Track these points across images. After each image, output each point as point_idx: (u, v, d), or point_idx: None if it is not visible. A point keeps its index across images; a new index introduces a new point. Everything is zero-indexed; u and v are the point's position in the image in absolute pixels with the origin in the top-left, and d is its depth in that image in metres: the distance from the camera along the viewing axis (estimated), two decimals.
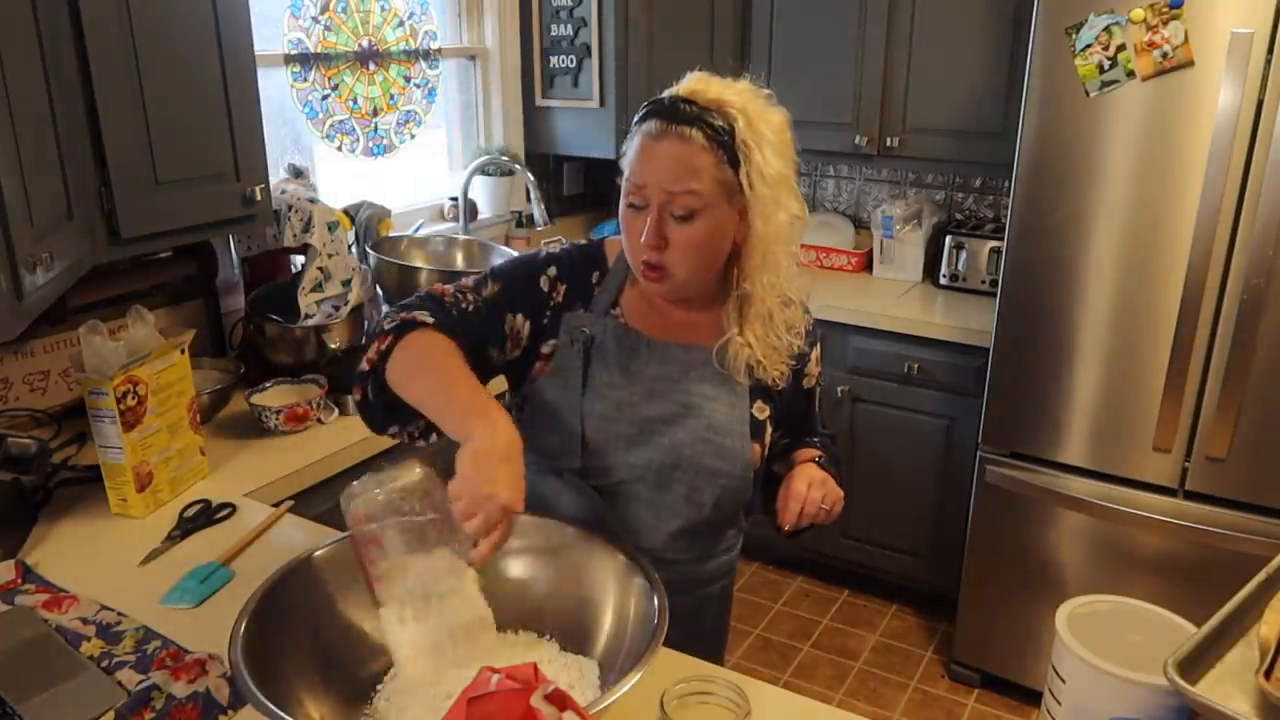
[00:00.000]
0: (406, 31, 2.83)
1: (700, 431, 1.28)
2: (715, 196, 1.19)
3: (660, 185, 1.18)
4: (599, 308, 1.31)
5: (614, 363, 1.28)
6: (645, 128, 1.20)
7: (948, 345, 2.70)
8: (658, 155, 1.18)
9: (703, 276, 1.26)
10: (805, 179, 3.48)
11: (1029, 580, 2.50)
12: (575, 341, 1.29)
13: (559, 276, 1.32)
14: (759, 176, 1.19)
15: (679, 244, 1.20)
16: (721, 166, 1.18)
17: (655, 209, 1.19)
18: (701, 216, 1.19)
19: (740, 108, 1.21)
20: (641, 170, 1.19)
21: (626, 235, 1.24)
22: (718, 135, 1.17)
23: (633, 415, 1.27)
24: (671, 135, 1.17)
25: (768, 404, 1.36)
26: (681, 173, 1.17)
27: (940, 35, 2.75)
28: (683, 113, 1.18)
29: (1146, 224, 2.16)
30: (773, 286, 1.27)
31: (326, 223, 2.21)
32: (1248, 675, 0.91)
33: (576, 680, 1.09)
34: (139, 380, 1.54)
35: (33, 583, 1.39)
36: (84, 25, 1.56)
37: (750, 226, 1.22)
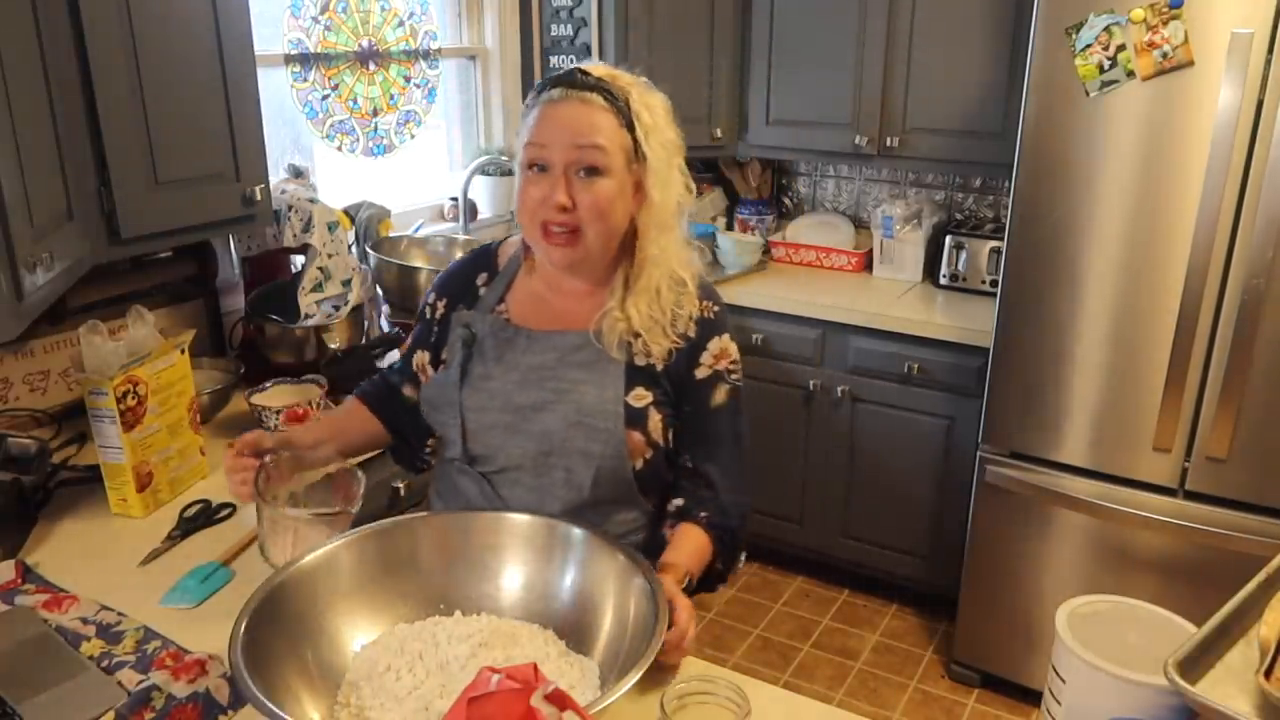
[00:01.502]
0: (406, 31, 2.83)
1: (570, 416, 1.31)
2: (618, 158, 1.24)
3: (566, 143, 1.22)
4: (484, 306, 1.40)
5: (491, 355, 1.35)
6: (546, 96, 1.25)
7: (948, 345, 2.70)
8: (561, 116, 1.23)
9: (603, 247, 1.29)
10: (805, 179, 3.49)
11: (1029, 580, 2.50)
12: (458, 338, 1.37)
13: (437, 295, 1.46)
14: (657, 143, 1.26)
15: (585, 203, 1.23)
16: (621, 130, 1.24)
17: (560, 168, 1.23)
18: (605, 176, 1.24)
19: (630, 82, 1.28)
20: (544, 131, 1.24)
21: (525, 203, 1.26)
22: (616, 101, 1.24)
23: (506, 404, 1.33)
24: (573, 98, 1.23)
25: (649, 390, 1.32)
26: (586, 128, 1.22)
27: (940, 35, 2.75)
28: (581, 80, 1.25)
29: (1146, 224, 2.16)
30: (662, 261, 1.31)
31: (326, 223, 2.21)
32: (1248, 675, 0.91)
33: (576, 680, 1.09)
34: (139, 380, 1.54)
35: (33, 583, 1.39)
36: (84, 25, 1.56)
37: (646, 196, 1.28)
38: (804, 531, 3.12)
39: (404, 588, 1.21)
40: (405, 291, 2.33)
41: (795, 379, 2.97)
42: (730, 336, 1.39)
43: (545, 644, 1.15)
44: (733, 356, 1.39)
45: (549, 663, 1.11)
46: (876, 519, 2.98)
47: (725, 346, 1.38)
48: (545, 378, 1.33)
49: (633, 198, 1.28)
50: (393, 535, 1.24)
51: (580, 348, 1.32)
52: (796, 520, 3.12)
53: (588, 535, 1.22)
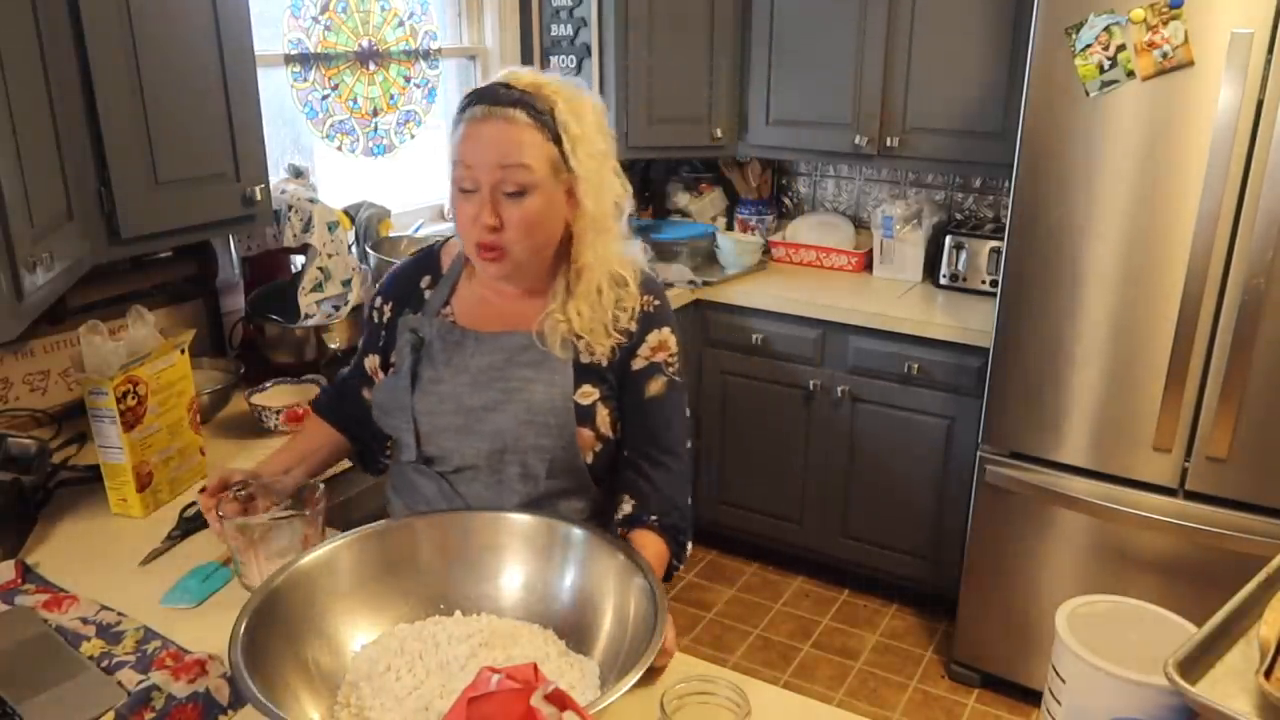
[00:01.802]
0: (406, 31, 2.83)
1: (521, 415, 1.33)
2: (544, 173, 1.24)
3: (490, 164, 1.22)
4: (431, 309, 1.40)
5: (440, 358, 1.36)
6: (469, 114, 1.24)
7: (948, 345, 2.70)
8: (484, 136, 1.22)
9: (538, 256, 1.31)
10: (805, 179, 3.49)
11: (1029, 580, 2.50)
12: (406, 343, 1.37)
13: (384, 299, 1.46)
14: (585, 154, 1.25)
15: (514, 222, 1.24)
16: (547, 144, 1.23)
17: (487, 189, 1.23)
18: (533, 193, 1.23)
19: (556, 90, 1.25)
20: (470, 152, 1.23)
21: (460, 221, 1.28)
22: (540, 115, 1.23)
23: (458, 406, 1.35)
24: (496, 117, 1.22)
25: (596, 387, 1.34)
26: (510, 149, 1.21)
27: (940, 35, 2.75)
28: (504, 95, 1.23)
29: (1146, 224, 2.16)
30: (600, 263, 1.32)
31: (326, 223, 2.21)
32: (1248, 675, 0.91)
33: (576, 680, 1.09)
34: (139, 380, 1.54)
35: (33, 583, 1.39)
36: (84, 25, 1.56)
37: (579, 205, 1.27)
38: (804, 531, 3.12)
39: (404, 588, 1.21)
40: None
41: (795, 379, 2.97)
42: (671, 330, 1.40)
43: (545, 644, 1.15)
44: (672, 349, 1.39)
45: (549, 663, 1.11)
46: (876, 519, 2.98)
47: (664, 339, 1.38)
48: (495, 378, 1.34)
49: (566, 205, 1.28)
50: (393, 535, 1.24)
51: (527, 348, 1.33)
52: (796, 520, 3.12)
53: (588, 535, 1.22)
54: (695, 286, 3.04)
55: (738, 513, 3.23)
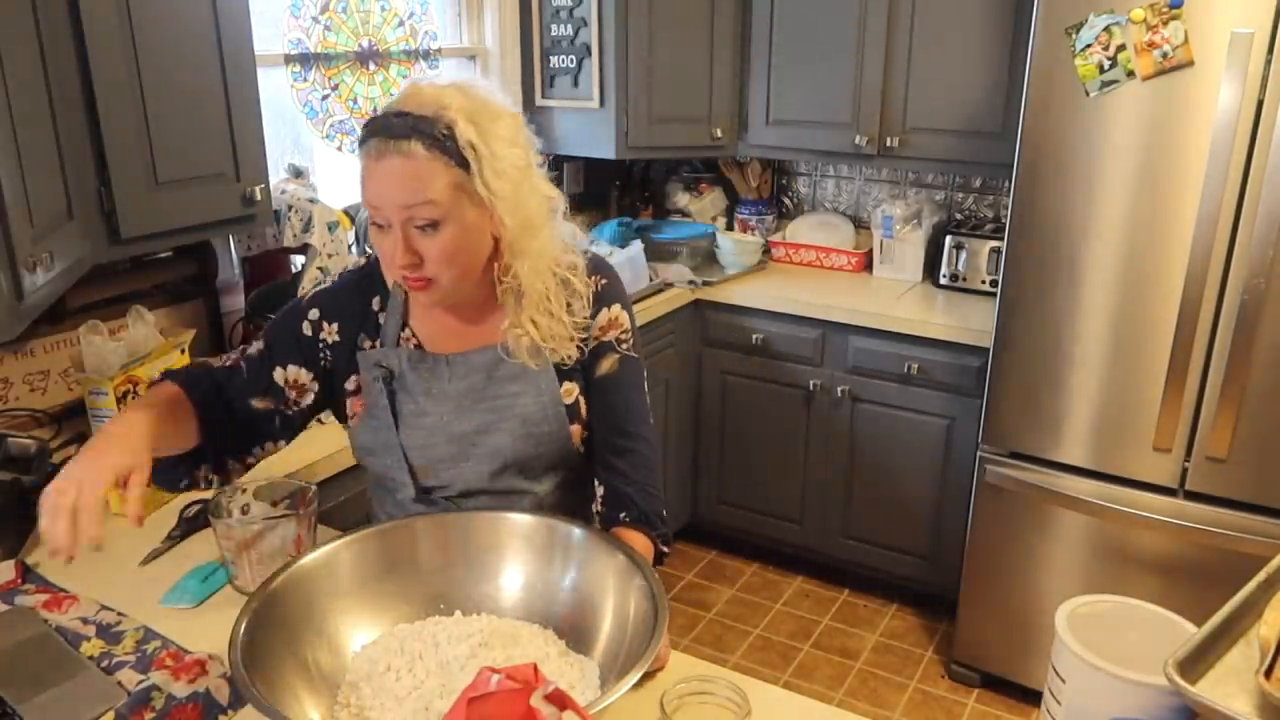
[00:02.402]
0: (406, 31, 2.83)
1: (517, 430, 1.31)
2: (453, 202, 1.16)
3: (395, 204, 1.15)
4: (389, 336, 1.33)
5: (417, 389, 1.31)
6: (365, 150, 1.17)
7: (948, 345, 2.70)
8: (383, 175, 1.15)
9: (470, 278, 1.25)
10: (805, 179, 3.49)
11: (1029, 580, 2.50)
12: (376, 380, 1.31)
13: (324, 316, 1.34)
14: (493, 174, 1.17)
15: (432, 255, 1.18)
16: (451, 170, 1.15)
17: (398, 227, 1.17)
18: (446, 224, 1.17)
19: (459, 108, 1.16)
20: (373, 193, 1.17)
21: (380, 255, 1.23)
22: (439, 142, 1.14)
23: (449, 435, 1.31)
24: (391, 152, 1.14)
25: (574, 383, 1.34)
26: (412, 187, 1.14)
27: (940, 35, 2.75)
28: (398, 126, 1.14)
29: (1146, 224, 2.16)
30: (539, 272, 1.27)
31: (326, 223, 2.21)
32: (1248, 675, 0.91)
33: (577, 680, 1.09)
34: (139, 380, 1.55)
35: (33, 583, 1.39)
36: (84, 25, 1.56)
37: (501, 223, 1.21)
38: (804, 531, 3.12)
39: (404, 588, 1.21)
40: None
41: (795, 379, 2.97)
42: (622, 306, 1.36)
43: (545, 644, 1.15)
44: (624, 325, 1.36)
45: (549, 663, 1.11)
46: (876, 519, 2.98)
47: (614, 316, 1.35)
48: (480, 399, 1.31)
49: (489, 221, 1.21)
50: (393, 535, 1.24)
51: (501, 361, 1.31)
52: (796, 520, 3.12)
53: (588, 535, 1.22)
54: (695, 286, 3.04)
55: (738, 513, 3.23)
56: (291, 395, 1.34)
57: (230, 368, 1.33)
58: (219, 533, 1.32)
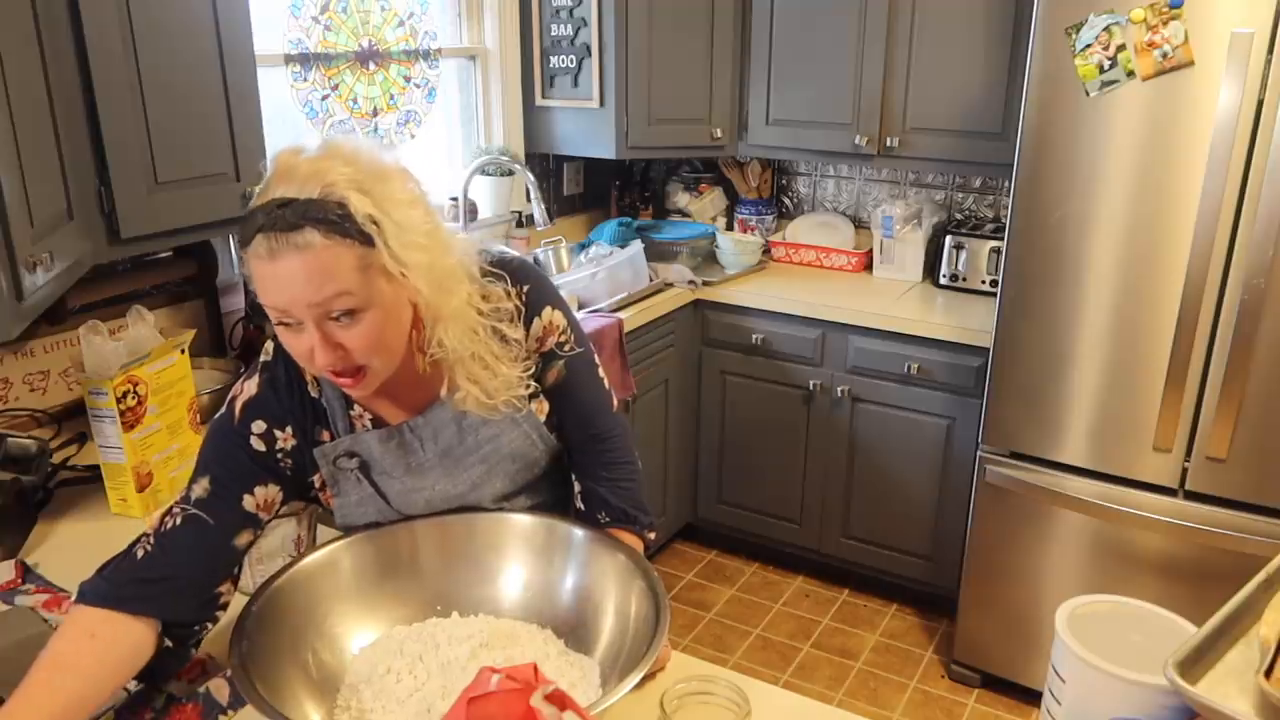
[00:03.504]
0: (406, 31, 2.83)
1: (510, 469, 1.28)
2: (366, 284, 1.04)
3: (302, 303, 1.02)
4: (338, 419, 1.22)
5: (398, 471, 1.24)
6: (254, 251, 1.01)
7: (948, 345, 2.70)
8: (282, 276, 1.01)
9: (395, 362, 1.14)
10: (805, 179, 3.49)
11: (1029, 580, 2.50)
12: (345, 470, 1.23)
13: (273, 425, 1.19)
14: (400, 246, 1.04)
15: (357, 345, 1.06)
16: (355, 250, 1.02)
17: (311, 325, 1.04)
18: (364, 310, 1.05)
19: (346, 180, 1.02)
20: (275, 296, 1.02)
21: (296, 355, 1.09)
22: (336, 224, 1.00)
23: (445, 498, 1.27)
24: (285, 248, 0.99)
25: (542, 402, 1.29)
26: (318, 281, 1.00)
27: (940, 35, 2.75)
28: (285, 219, 0.99)
29: (1146, 224, 2.16)
30: (463, 333, 1.16)
31: None
32: (1248, 675, 0.91)
33: (577, 680, 1.09)
34: (139, 380, 1.54)
35: (33, 583, 1.39)
36: (84, 26, 1.56)
37: (416, 292, 1.08)
38: (804, 531, 3.12)
39: (404, 588, 1.21)
40: None
41: (795, 379, 2.97)
42: (553, 306, 1.26)
43: (545, 644, 1.15)
44: (560, 327, 1.26)
45: (549, 662, 1.11)
46: (876, 519, 2.98)
47: (547, 322, 1.25)
48: (463, 455, 1.26)
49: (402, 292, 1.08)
50: (393, 536, 1.24)
51: (462, 413, 1.23)
52: (796, 520, 3.12)
53: (588, 535, 1.23)
54: (695, 286, 3.04)
55: (738, 513, 3.23)
56: (264, 516, 1.19)
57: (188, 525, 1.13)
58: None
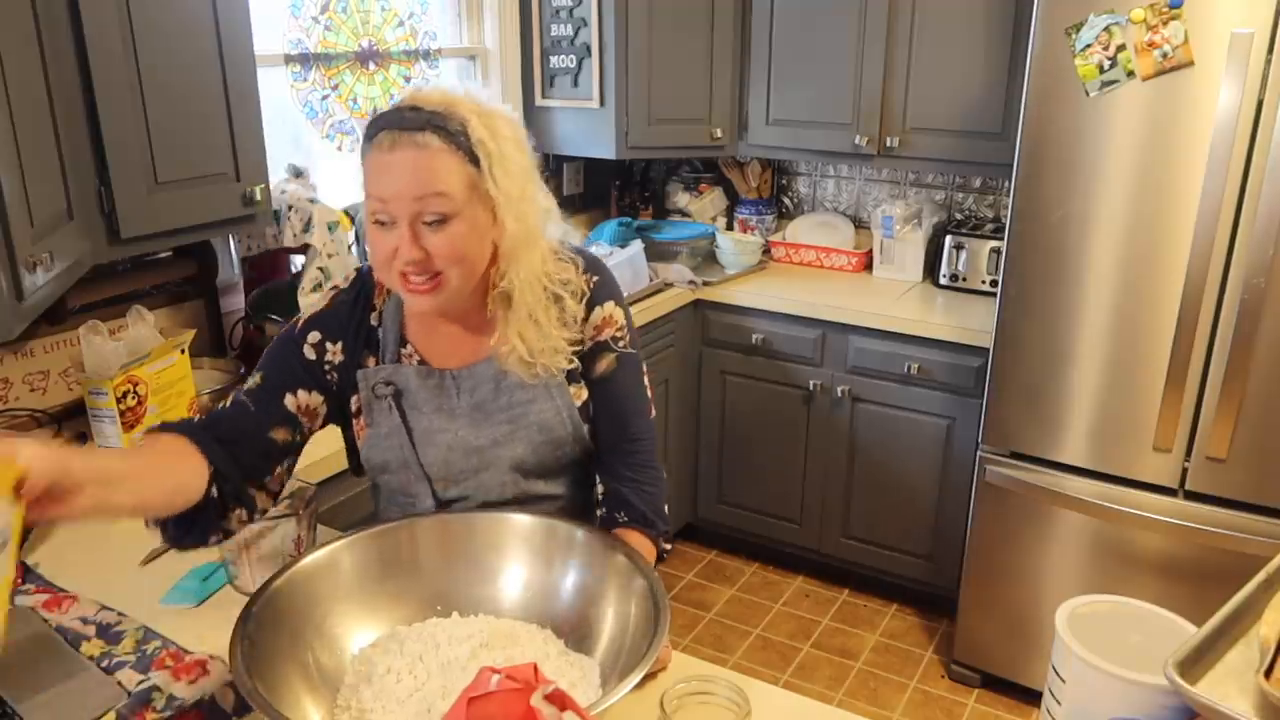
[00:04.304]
0: (407, 31, 2.83)
1: (535, 437, 1.30)
2: (464, 198, 1.15)
3: (406, 196, 1.12)
4: (389, 351, 1.30)
5: (428, 408, 1.29)
6: (376, 142, 1.14)
7: (948, 345, 2.70)
8: (396, 166, 1.12)
9: (469, 282, 1.21)
10: (805, 179, 3.49)
11: (1029, 580, 2.50)
12: (382, 397, 1.29)
13: (326, 337, 1.29)
14: (503, 172, 1.16)
15: (441, 251, 1.15)
16: (465, 166, 1.14)
17: (406, 222, 1.14)
18: (456, 220, 1.15)
19: (470, 108, 1.16)
20: (382, 185, 1.14)
21: (379, 257, 1.18)
22: (454, 136, 1.13)
23: (466, 449, 1.30)
24: (406, 144, 1.12)
25: (581, 387, 1.34)
26: (426, 178, 1.12)
27: (940, 35, 2.75)
28: (412, 119, 1.13)
29: (1146, 224, 2.16)
30: (530, 283, 1.24)
31: (326, 223, 2.21)
32: (1248, 675, 0.91)
33: (577, 680, 1.09)
34: (139, 380, 1.55)
35: (33, 583, 1.39)
36: (84, 26, 1.56)
37: (503, 226, 1.19)
38: (804, 531, 3.12)
39: (404, 588, 1.21)
40: None
41: (795, 379, 2.97)
42: (616, 303, 1.33)
43: (545, 644, 1.15)
44: (618, 323, 1.33)
45: (549, 662, 1.11)
46: (876, 519, 2.98)
47: (607, 314, 1.32)
48: (492, 411, 1.30)
49: (490, 226, 1.19)
50: (393, 536, 1.24)
51: (505, 373, 1.29)
52: (796, 520, 3.12)
53: (588, 535, 1.22)
54: (695, 286, 3.04)
55: (738, 513, 3.23)
56: (305, 422, 1.28)
57: (235, 406, 1.24)
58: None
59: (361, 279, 1.33)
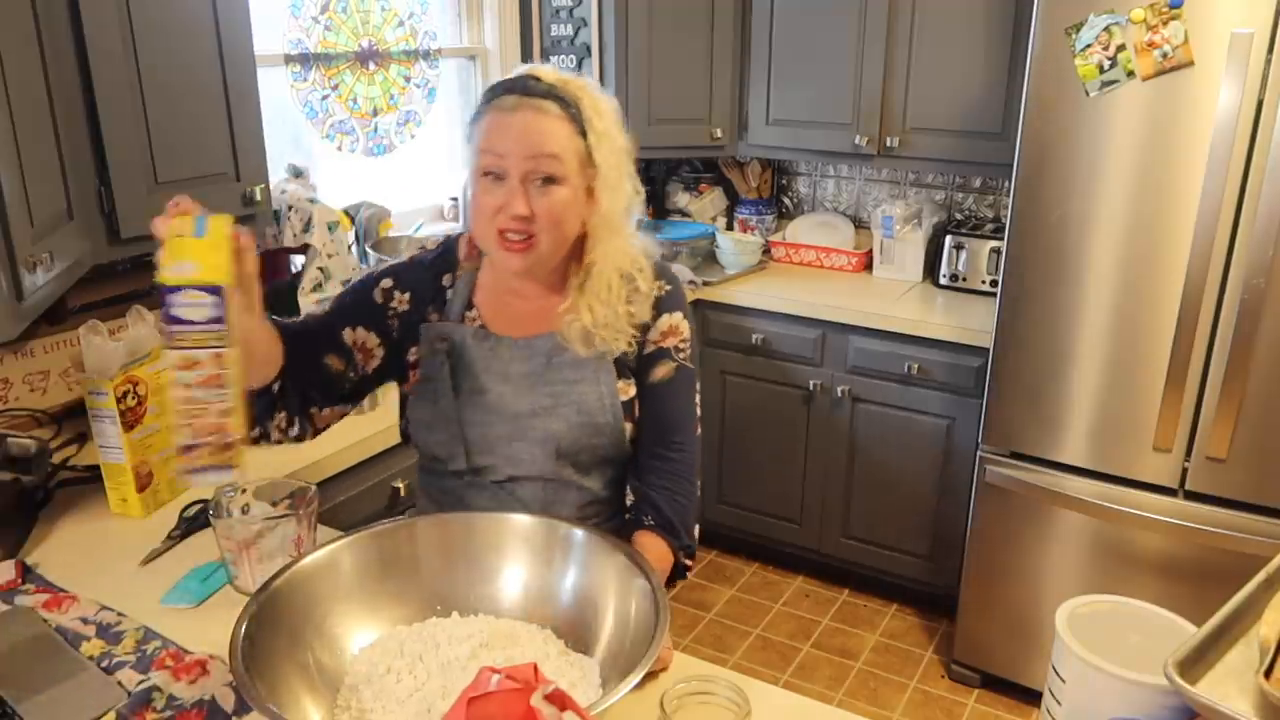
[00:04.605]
0: (407, 31, 2.83)
1: (573, 417, 1.33)
2: (572, 166, 1.24)
3: (522, 153, 1.21)
4: (454, 312, 1.37)
5: (479, 368, 1.34)
6: (498, 103, 1.23)
7: (948, 345, 2.70)
8: (516, 125, 1.21)
9: (558, 252, 1.29)
10: (805, 179, 3.49)
11: (1029, 580, 2.50)
12: (437, 352, 1.34)
13: (397, 286, 1.38)
14: (607, 150, 1.27)
15: (542, 211, 1.23)
16: (575, 137, 1.24)
17: (517, 178, 1.22)
18: (561, 184, 1.23)
19: (580, 86, 1.27)
20: (500, 141, 1.22)
21: (481, 211, 1.25)
22: (569, 108, 1.24)
23: (505, 413, 1.34)
24: (527, 106, 1.22)
25: (630, 383, 1.37)
26: (543, 138, 1.21)
27: (940, 35, 2.75)
28: (535, 87, 1.23)
29: (1146, 224, 2.16)
30: (610, 262, 1.31)
31: (326, 223, 2.21)
32: (1248, 675, 0.91)
33: (577, 680, 1.09)
34: (139, 380, 1.54)
35: (33, 583, 1.39)
36: (84, 26, 1.56)
37: (597, 202, 1.28)
38: (804, 531, 3.12)
39: (404, 588, 1.21)
40: None
41: (795, 379, 2.97)
42: (684, 316, 1.39)
43: (545, 644, 1.15)
44: (683, 335, 1.39)
45: (549, 662, 1.11)
46: (876, 519, 2.98)
47: (674, 324, 1.38)
48: (538, 383, 1.33)
49: (586, 201, 1.28)
50: (393, 536, 1.24)
51: (561, 349, 1.33)
52: (796, 520, 3.12)
53: (588, 535, 1.22)
54: (695, 286, 3.04)
55: (738, 513, 3.23)
56: (359, 358, 1.36)
57: (302, 322, 1.36)
58: (219, 533, 1.32)
59: (447, 245, 1.41)
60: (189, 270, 0.91)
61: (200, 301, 0.91)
